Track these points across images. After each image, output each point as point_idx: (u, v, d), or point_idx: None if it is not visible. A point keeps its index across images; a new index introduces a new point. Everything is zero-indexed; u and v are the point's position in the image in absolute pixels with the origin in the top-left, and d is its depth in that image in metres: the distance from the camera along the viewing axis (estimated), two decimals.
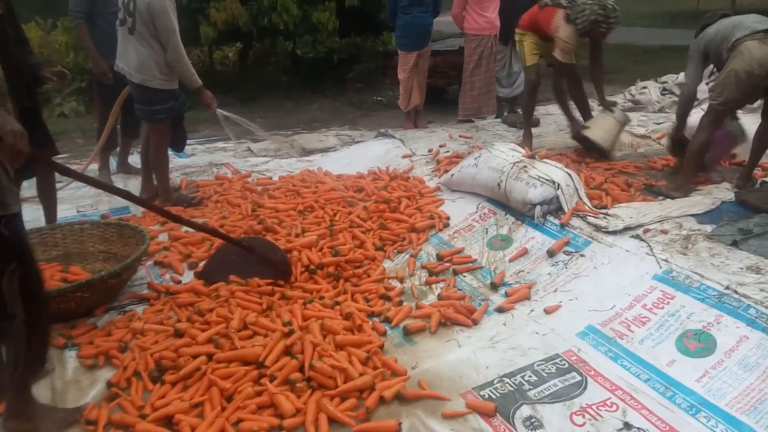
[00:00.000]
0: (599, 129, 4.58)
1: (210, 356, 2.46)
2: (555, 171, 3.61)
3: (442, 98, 8.01)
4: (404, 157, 4.98)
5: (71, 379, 2.47)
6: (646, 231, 3.17)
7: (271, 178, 4.84)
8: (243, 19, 7.92)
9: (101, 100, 4.68)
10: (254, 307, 2.85)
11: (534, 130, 5.27)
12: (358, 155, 5.33)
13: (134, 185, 4.59)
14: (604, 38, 4.52)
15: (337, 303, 2.92)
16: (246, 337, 2.60)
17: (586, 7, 4.26)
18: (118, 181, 4.80)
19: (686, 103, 3.92)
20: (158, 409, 2.20)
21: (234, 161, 5.44)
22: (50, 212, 3.67)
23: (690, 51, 3.80)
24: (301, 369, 2.37)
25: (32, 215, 3.69)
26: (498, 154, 3.84)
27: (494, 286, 3.10)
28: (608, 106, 4.72)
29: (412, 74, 6.18)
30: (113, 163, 5.06)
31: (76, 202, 4.40)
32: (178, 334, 2.61)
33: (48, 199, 3.66)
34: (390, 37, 11.14)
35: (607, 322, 2.69)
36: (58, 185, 3.85)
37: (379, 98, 9.09)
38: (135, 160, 4.97)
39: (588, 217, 3.36)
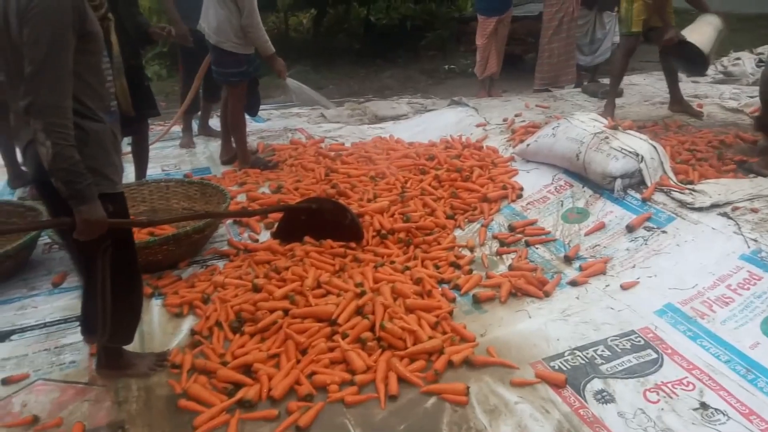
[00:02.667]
0: (697, 34, 4.26)
1: (286, 311, 2.58)
2: (639, 143, 3.46)
3: (518, 66, 7.80)
4: (478, 126, 4.91)
5: (157, 325, 2.66)
6: (735, 209, 3.01)
7: (343, 144, 4.90)
8: None
9: (184, 63, 4.87)
10: (327, 268, 2.95)
11: (616, 101, 5.05)
12: (431, 123, 5.30)
13: (214, 147, 4.80)
14: None
15: (408, 268, 2.97)
16: (320, 296, 2.70)
17: None
18: (200, 143, 5.02)
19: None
20: (238, 357, 2.33)
21: (308, 127, 5.55)
22: (141, 170, 3.90)
23: None
24: (371, 329, 2.45)
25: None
26: (578, 124, 3.72)
27: (568, 260, 3.05)
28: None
29: (491, 40, 6.02)
30: (195, 125, 5.27)
31: (160, 161, 4.64)
32: (256, 289, 2.74)
33: (141, 157, 3.88)
34: (465, 3, 10.90)
35: (688, 301, 2.60)
36: None
37: (451, 66, 8.96)
38: (215, 123, 5.17)
39: (673, 193, 3.23)
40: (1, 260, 2.88)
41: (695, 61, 4.25)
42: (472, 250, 3.24)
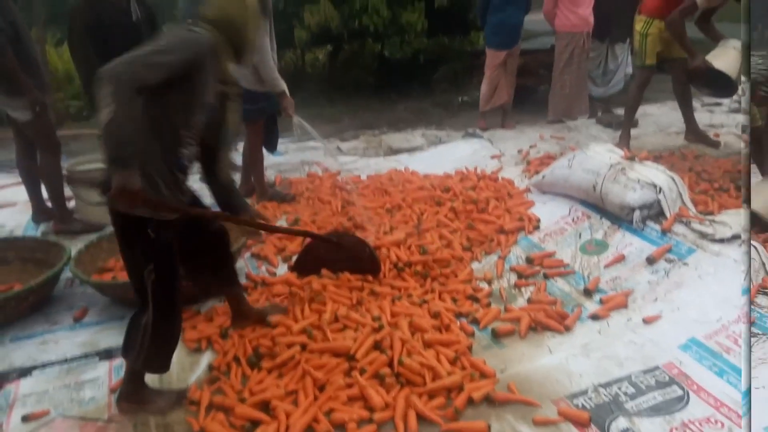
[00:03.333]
0: (723, 59, 4.19)
1: (303, 346, 2.54)
2: (656, 174, 3.44)
3: (531, 98, 7.82)
4: (493, 157, 4.90)
5: (176, 360, 2.58)
6: None
7: (359, 176, 4.91)
8: (335, 21, 8.11)
9: None
10: (345, 302, 2.91)
11: (632, 132, 5.03)
12: (445, 155, 5.30)
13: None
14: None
15: (425, 301, 2.93)
16: (337, 330, 2.66)
17: None
18: None
19: None
20: (256, 394, 2.29)
21: (324, 160, 5.57)
22: None
23: None
24: (390, 364, 2.40)
25: None
26: (594, 156, 3.70)
27: (588, 293, 2.99)
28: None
29: (499, 73, 6.06)
30: None
31: None
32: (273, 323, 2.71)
33: None
34: (477, 37, 11.01)
35: (712, 335, 2.52)
36: None
37: (465, 98, 9.02)
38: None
39: (692, 224, 3.17)
40: (24, 295, 2.87)
41: (721, 85, 4.21)
42: (489, 282, 3.19)
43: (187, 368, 2.57)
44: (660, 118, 5.94)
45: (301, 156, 5.78)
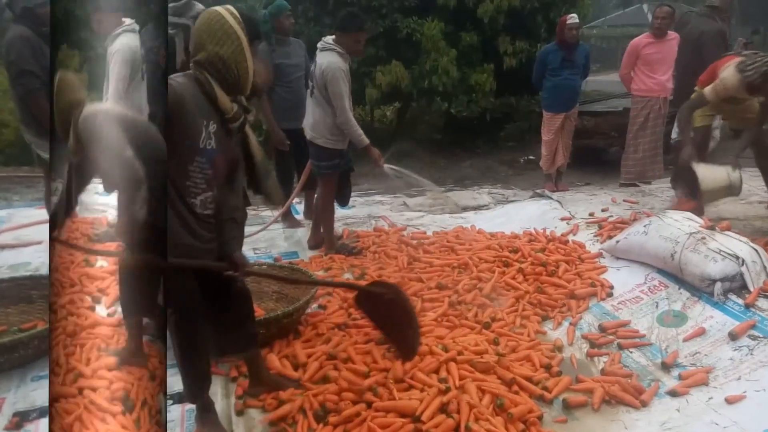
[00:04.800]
0: (709, 170, 4.12)
1: (369, 404, 2.53)
2: (739, 245, 3.32)
3: (601, 160, 7.75)
4: (562, 219, 4.86)
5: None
6: None
7: (425, 232, 4.95)
8: (405, 81, 8.39)
9: (278, 156, 5.13)
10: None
11: None
12: (513, 215, 5.29)
13: (303, 232, 5.00)
14: None
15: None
16: (403, 390, 2.62)
17: (761, 59, 3.92)
18: (287, 230, 5.22)
19: None
20: None
21: (390, 214, 5.67)
22: None
23: None
24: (456, 429, 2.35)
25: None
26: (671, 223, 3.62)
27: (666, 367, 2.87)
28: None
29: (558, 135, 6.10)
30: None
31: (252, 243, 4.84)
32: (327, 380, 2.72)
33: None
34: None
35: None
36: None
37: (530, 157, 9.03)
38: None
39: None
40: (47, 334, 2.79)
41: (693, 188, 4.09)
42: (560, 350, 3.11)
43: (252, 420, 2.58)
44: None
45: (368, 210, 5.91)
